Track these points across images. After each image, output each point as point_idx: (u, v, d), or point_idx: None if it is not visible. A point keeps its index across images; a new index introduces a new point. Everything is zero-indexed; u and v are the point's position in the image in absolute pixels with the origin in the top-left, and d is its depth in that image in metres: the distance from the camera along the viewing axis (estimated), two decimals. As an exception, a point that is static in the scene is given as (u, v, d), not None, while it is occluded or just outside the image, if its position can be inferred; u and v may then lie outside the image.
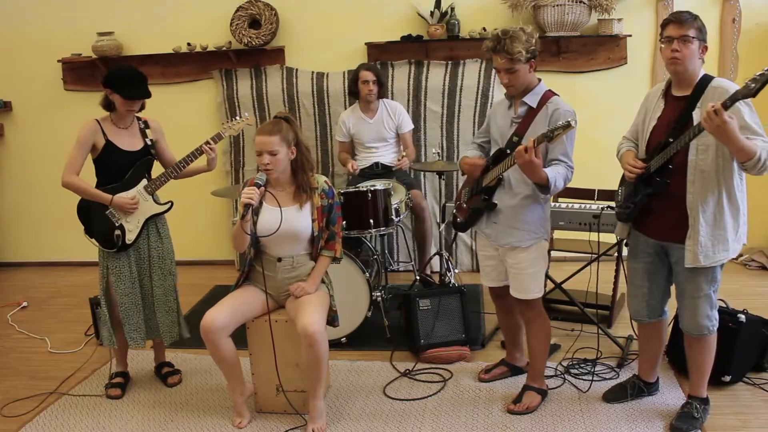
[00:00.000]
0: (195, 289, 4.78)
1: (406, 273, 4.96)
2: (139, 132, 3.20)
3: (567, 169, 2.72)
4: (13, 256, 5.68)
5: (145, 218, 3.19)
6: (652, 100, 2.74)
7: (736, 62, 4.63)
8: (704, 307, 2.66)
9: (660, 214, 2.66)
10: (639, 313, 2.90)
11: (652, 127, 2.67)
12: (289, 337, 2.95)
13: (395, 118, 4.48)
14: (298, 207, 2.91)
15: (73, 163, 3.06)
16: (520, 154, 2.57)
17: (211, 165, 3.28)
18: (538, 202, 2.83)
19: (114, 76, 3.04)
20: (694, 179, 2.53)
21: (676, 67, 2.54)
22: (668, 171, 2.58)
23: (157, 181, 3.20)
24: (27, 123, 5.42)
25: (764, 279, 4.53)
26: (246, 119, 3.41)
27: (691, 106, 2.54)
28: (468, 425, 2.92)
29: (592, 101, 4.79)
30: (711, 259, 2.57)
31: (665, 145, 2.56)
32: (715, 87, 2.51)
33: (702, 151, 2.51)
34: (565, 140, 2.70)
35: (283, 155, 2.83)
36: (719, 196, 2.54)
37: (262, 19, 4.85)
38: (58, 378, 3.51)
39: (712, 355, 2.78)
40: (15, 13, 5.23)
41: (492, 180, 2.86)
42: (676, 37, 2.49)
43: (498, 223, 2.88)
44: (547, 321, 3.01)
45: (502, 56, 2.68)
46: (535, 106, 2.78)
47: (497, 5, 4.69)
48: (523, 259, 2.86)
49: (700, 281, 2.63)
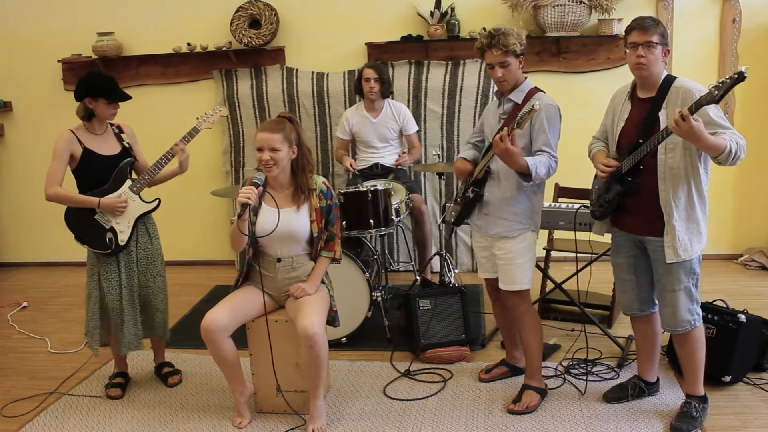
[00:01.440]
0: (195, 289, 4.78)
1: (406, 273, 4.96)
2: (114, 137, 3.19)
3: (550, 159, 2.78)
4: (13, 256, 5.68)
5: (134, 218, 3.18)
6: (618, 102, 2.83)
7: (736, 62, 4.63)
8: (684, 301, 2.70)
9: (634, 211, 2.74)
10: (631, 307, 2.93)
11: (620, 128, 2.76)
12: (289, 337, 2.95)
13: (399, 120, 4.48)
14: (296, 208, 2.91)
15: (54, 175, 3.03)
16: (497, 143, 2.66)
17: (182, 167, 3.26)
18: (525, 194, 2.89)
19: (94, 83, 3.02)
20: (665, 177, 2.62)
21: (641, 72, 2.63)
22: (639, 171, 2.66)
23: (141, 180, 3.19)
24: (27, 123, 5.42)
25: (764, 279, 4.53)
26: (220, 111, 3.43)
27: (656, 107, 2.63)
28: (468, 425, 2.92)
29: (592, 101, 4.78)
30: (689, 252, 2.64)
31: (636, 146, 2.64)
32: (677, 87, 2.60)
33: (670, 150, 2.60)
34: (547, 130, 2.79)
35: (284, 153, 2.83)
36: (689, 191, 2.62)
37: (262, 19, 4.85)
38: (58, 378, 3.51)
39: (703, 350, 2.79)
40: (15, 13, 5.23)
41: (480, 172, 2.95)
42: (640, 43, 2.58)
43: (488, 214, 2.97)
44: (536, 315, 3.07)
45: (496, 50, 2.78)
46: (520, 102, 2.87)
47: (497, 5, 4.69)
48: (510, 249, 2.92)
49: (680, 273, 2.68)
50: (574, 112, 4.71)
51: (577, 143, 4.55)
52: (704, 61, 4.65)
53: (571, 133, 4.43)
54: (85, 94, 3.03)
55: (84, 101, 3.05)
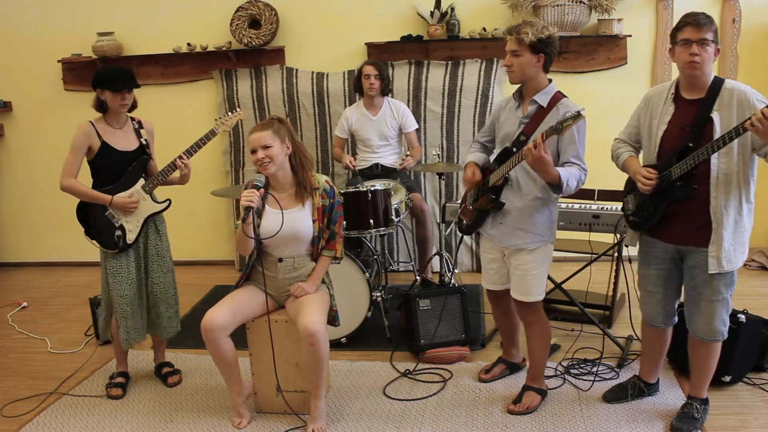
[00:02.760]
0: (195, 289, 4.78)
1: (406, 273, 4.96)
2: (133, 132, 3.20)
3: (580, 171, 2.68)
4: (13, 256, 5.68)
5: (144, 217, 3.19)
6: (657, 103, 2.66)
7: (737, 62, 4.63)
8: (721, 312, 2.63)
9: (680, 220, 2.60)
10: (655, 318, 2.85)
11: (662, 131, 2.61)
12: (289, 337, 2.95)
13: (398, 117, 4.48)
14: (300, 208, 2.91)
15: (70, 167, 3.06)
16: (529, 151, 2.53)
17: (183, 180, 3.24)
18: (546, 205, 2.80)
19: (100, 74, 3.06)
20: (718, 183, 2.49)
21: (693, 71, 2.47)
22: (692, 176, 2.51)
23: (155, 180, 3.19)
24: (27, 123, 5.42)
25: (764, 279, 4.53)
26: (239, 113, 3.41)
27: (707, 108, 2.49)
28: (468, 425, 2.92)
29: (592, 101, 4.78)
30: (733, 263, 2.55)
31: (685, 150, 2.49)
32: (729, 89, 2.47)
33: (724, 155, 2.47)
34: (577, 141, 2.67)
35: (277, 149, 2.83)
36: (740, 199, 2.51)
37: (262, 19, 4.85)
38: (58, 378, 3.51)
39: (717, 358, 2.76)
40: (15, 13, 5.23)
41: (498, 179, 2.82)
42: (694, 40, 2.43)
43: (504, 224, 2.85)
44: (547, 323, 3.00)
45: (511, 37, 2.70)
46: (546, 106, 2.75)
47: (497, 5, 4.69)
48: (528, 261, 2.84)
49: (719, 285, 2.59)
50: (574, 112, 4.72)
51: (577, 143, 4.58)
52: (704, 61, 4.65)
53: (571, 133, 4.45)
54: (95, 85, 3.07)
55: (96, 92, 3.09)
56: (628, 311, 3.89)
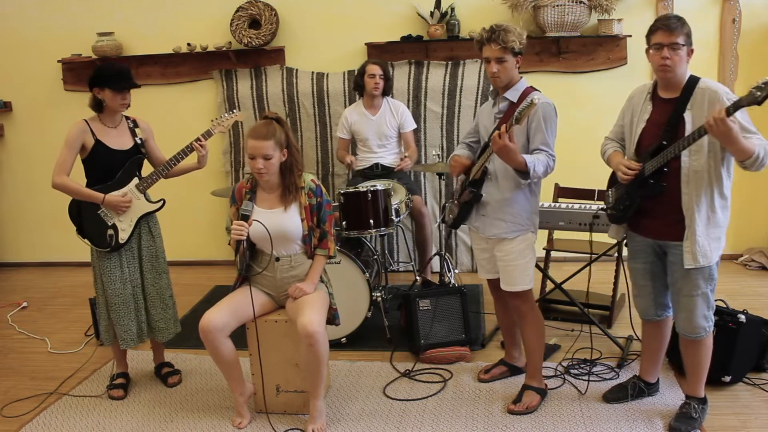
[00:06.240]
0: (195, 289, 4.78)
1: (406, 273, 4.96)
2: (128, 131, 3.20)
3: (548, 158, 2.78)
4: (13, 256, 5.68)
5: (137, 217, 3.19)
6: (637, 102, 2.75)
7: (737, 62, 4.63)
8: (701, 307, 2.66)
9: (655, 215, 2.67)
10: (647, 312, 2.90)
11: (640, 129, 2.69)
12: (289, 337, 2.95)
13: (397, 117, 4.48)
14: (284, 208, 2.91)
15: (63, 164, 3.06)
16: (495, 140, 2.65)
17: (201, 162, 3.28)
18: (524, 195, 2.89)
19: (100, 73, 3.05)
20: (689, 180, 2.55)
21: (665, 74, 2.56)
22: (663, 173, 2.59)
23: (149, 179, 3.19)
24: (27, 123, 5.42)
25: (764, 279, 4.53)
26: (236, 115, 3.40)
27: (681, 108, 2.56)
28: (468, 425, 2.92)
29: (592, 101, 4.79)
30: (708, 258, 2.59)
31: (659, 148, 2.56)
32: (702, 88, 2.54)
33: (695, 152, 2.53)
34: (544, 128, 2.78)
35: (276, 159, 2.83)
36: (712, 195, 2.56)
37: (262, 20, 4.85)
38: (58, 378, 3.52)
39: (709, 355, 2.77)
40: (15, 13, 5.23)
41: (477, 172, 2.94)
42: (666, 44, 2.50)
43: (486, 215, 2.96)
44: (539, 315, 3.05)
45: (495, 45, 2.77)
46: (516, 101, 2.85)
47: (497, 5, 4.69)
48: (510, 251, 2.92)
49: (698, 279, 2.63)
50: (573, 112, 4.72)
51: (577, 143, 4.58)
52: (704, 62, 4.64)
53: (570, 132, 4.45)
54: (94, 83, 3.05)
55: (93, 91, 3.07)
56: (628, 311, 3.89)
